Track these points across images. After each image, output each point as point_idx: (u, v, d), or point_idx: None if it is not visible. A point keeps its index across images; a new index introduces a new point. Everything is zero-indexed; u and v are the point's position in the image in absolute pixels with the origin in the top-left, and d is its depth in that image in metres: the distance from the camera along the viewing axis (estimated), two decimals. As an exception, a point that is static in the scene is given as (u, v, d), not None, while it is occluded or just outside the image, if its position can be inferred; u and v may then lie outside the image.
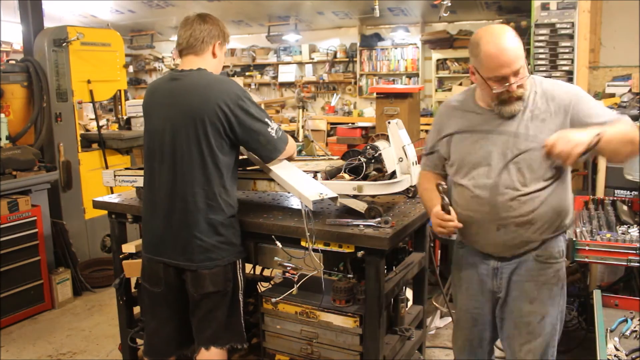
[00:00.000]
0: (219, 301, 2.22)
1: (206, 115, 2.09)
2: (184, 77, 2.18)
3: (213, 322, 2.24)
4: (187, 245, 2.17)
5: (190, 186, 2.14)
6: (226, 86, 2.14)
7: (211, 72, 2.22)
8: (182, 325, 2.33)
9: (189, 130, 2.12)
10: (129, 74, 9.84)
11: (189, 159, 2.13)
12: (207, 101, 2.10)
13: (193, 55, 2.22)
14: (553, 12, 4.27)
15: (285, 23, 8.49)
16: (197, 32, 2.20)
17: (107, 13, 8.64)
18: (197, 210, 2.14)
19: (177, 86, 2.18)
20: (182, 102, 2.14)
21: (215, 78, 2.19)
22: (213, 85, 2.14)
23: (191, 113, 2.11)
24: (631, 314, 2.04)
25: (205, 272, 2.17)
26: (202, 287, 2.19)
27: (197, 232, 2.15)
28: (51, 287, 3.99)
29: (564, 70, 4.30)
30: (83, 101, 4.54)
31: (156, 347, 2.38)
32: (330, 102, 8.91)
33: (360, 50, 8.52)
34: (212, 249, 2.17)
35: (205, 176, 2.13)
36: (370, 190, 2.24)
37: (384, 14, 7.31)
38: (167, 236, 2.21)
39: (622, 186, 3.34)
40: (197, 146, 2.12)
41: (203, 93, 2.12)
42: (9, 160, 3.77)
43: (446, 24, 7.77)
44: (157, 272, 2.27)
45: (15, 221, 3.74)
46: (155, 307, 2.35)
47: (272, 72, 9.46)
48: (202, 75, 2.18)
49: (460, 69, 7.61)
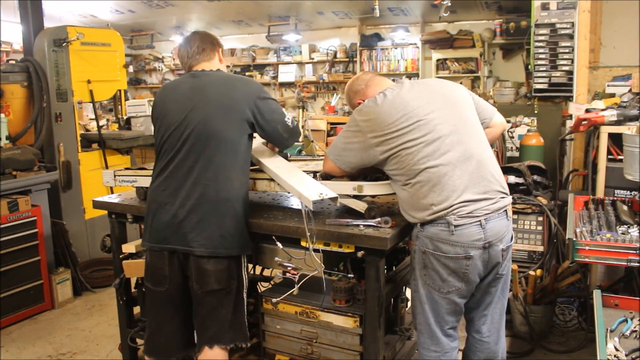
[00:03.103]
0: (223, 299, 2.23)
1: (232, 106, 2.22)
2: (204, 76, 2.31)
3: (217, 320, 2.24)
4: (203, 232, 2.18)
5: (215, 174, 2.20)
6: (247, 81, 2.37)
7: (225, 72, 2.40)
8: (185, 326, 2.33)
9: (214, 121, 2.20)
10: (129, 74, 9.85)
11: (215, 148, 2.20)
12: (232, 94, 2.24)
13: (205, 62, 2.37)
14: (553, 12, 4.27)
15: (285, 23, 8.49)
16: (204, 43, 2.38)
17: (107, 13, 8.64)
18: (218, 200, 2.19)
19: (199, 83, 2.29)
20: (208, 95, 2.24)
21: (235, 75, 2.42)
22: (235, 80, 2.32)
23: (216, 105, 2.22)
24: (631, 314, 2.04)
25: (210, 267, 2.18)
26: (206, 284, 2.20)
27: (214, 218, 2.18)
28: (51, 287, 3.99)
29: (564, 70, 4.30)
30: (83, 101, 4.54)
31: (159, 347, 2.37)
32: (330, 102, 8.90)
33: (360, 50, 8.52)
34: (227, 236, 2.20)
35: (228, 166, 2.21)
36: (370, 190, 2.24)
37: (384, 14, 7.32)
38: (182, 225, 2.20)
39: (622, 186, 3.34)
40: (221, 137, 2.20)
41: (229, 86, 2.27)
42: (9, 160, 3.77)
43: (446, 24, 7.77)
44: (162, 268, 2.27)
45: (15, 221, 3.74)
46: (158, 307, 2.35)
47: (272, 72, 9.46)
48: (222, 74, 2.36)
49: (460, 69, 7.61)
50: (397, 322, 2.67)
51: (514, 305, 3.35)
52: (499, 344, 2.25)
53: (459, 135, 2.05)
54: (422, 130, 2.03)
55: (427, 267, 2.06)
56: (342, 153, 2.20)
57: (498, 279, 2.14)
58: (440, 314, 2.10)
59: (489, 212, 2.00)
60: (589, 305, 3.32)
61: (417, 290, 2.13)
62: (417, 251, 2.09)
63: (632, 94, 3.64)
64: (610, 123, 3.39)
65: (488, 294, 2.17)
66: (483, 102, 2.31)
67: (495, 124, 2.31)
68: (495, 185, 2.07)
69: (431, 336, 2.13)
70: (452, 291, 2.06)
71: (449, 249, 1.99)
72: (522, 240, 3.62)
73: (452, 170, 2.00)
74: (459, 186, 1.99)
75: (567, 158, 4.36)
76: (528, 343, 3.30)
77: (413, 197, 2.05)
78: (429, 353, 2.15)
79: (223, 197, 2.20)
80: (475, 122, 2.18)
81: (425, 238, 2.03)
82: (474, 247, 1.99)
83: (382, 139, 2.07)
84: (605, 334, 1.87)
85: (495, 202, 2.03)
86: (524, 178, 3.67)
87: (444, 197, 1.98)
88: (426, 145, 2.02)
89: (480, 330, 2.24)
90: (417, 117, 2.04)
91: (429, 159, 2.01)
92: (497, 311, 2.22)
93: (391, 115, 2.06)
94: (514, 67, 7.08)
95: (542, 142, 4.04)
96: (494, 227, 2.01)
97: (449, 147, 2.02)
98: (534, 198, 3.61)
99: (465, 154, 2.03)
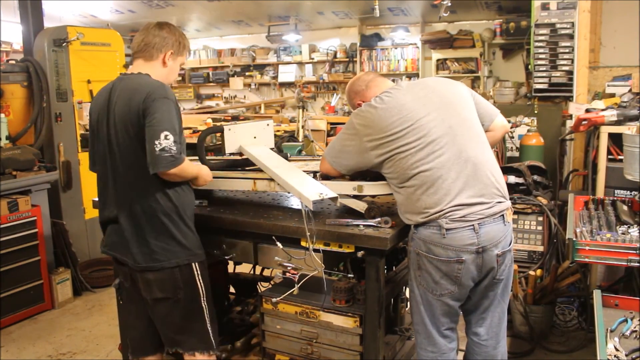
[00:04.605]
0: (172, 307, 2.19)
1: (133, 115, 2.05)
2: (126, 79, 2.16)
3: (170, 326, 2.23)
4: (133, 247, 2.15)
5: (131, 188, 2.13)
6: (148, 88, 2.06)
7: (148, 77, 2.14)
8: (152, 325, 2.31)
9: (122, 132, 2.09)
10: (129, 74, 9.83)
11: (126, 160, 2.12)
12: (131, 101, 2.06)
13: (142, 60, 2.19)
14: (553, 12, 4.27)
15: (285, 23, 8.49)
16: (151, 37, 2.17)
17: (107, 13, 8.64)
18: (141, 213, 2.12)
19: (117, 88, 2.14)
20: (118, 103, 2.10)
21: (145, 82, 2.11)
22: (139, 88, 2.07)
23: (121, 115, 2.08)
24: (631, 314, 2.04)
25: (150, 277, 2.15)
26: (150, 292, 2.18)
27: (143, 234, 2.14)
28: (51, 287, 3.99)
29: (564, 70, 4.29)
30: (83, 101, 4.53)
31: (137, 342, 2.38)
32: (330, 102, 8.91)
33: (360, 50, 8.52)
34: (158, 250, 2.13)
35: (146, 177, 2.07)
36: (370, 190, 2.24)
37: (384, 14, 7.32)
38: (118, 236, 2.19)
39: (622, 186, 3.33)
40: (130, 148, 2.09)
41: (130, 95, 2.07)
42: (9, 160, 3.77)
43: (446, 24, 7.77)
44: (118, 269, 2.30)
45: (15, 221, 3.74)
46: (128, 301, 2.36)
47: (272, 72, 9.46)
48: (138, 78, 2.13)
49: (460, 69, 7.61)
50: (397, 322, 2.67)
51: (514, 305, 3.35)
52: (498, 347, 2.23)
53: (455, 136, 2.04)
54: (416, 133, 2.02)
55: (421, 269, 2.07)
56: (338, 155, 2.20)
57: (496, 283, 2.12)
58: (435, 315, 2.10)
59: (483, 216, 1.98)
60: (589, 305, 3.32)
61: (413, 290, 2.14)
62: (412, 252, 2.09)
63: (632, 94, 3.64)
64: (610, 123, 3.39)
65: (486, 298, 2.15)
66: (485, 103, 2.26)
67: (495, 127, 2.24)
68: (492, 188, 2.04)
69: (428, 336, 2.13)
70: (445, 294, 2.05)
71: (440, 252, 1.99)
72: (522, 240, 3.62)
73: (447, 173, 1.99)
74: (452, 189, 1.98)
75: (567, 158, 4.36)
76: (528, 343, 3.30)
77: (408, 199, 2.05)
78: (426, 353, 2.15)
79: (146, 210, 2.12)
80: (474, 122, 2.14)
81: (419, 240, 2.03)
82: (466, 252, 1.97)
83: (376, 142, 2.06)
84: (605, 334, 1.87)
85: (491, 207, 2.01)
86: (524, 178, 3.67)
87: (437, 200, 1.97)
88: (420, 148, 2.01)
89: (478, 333, 2.23)
90: (411, 121, 2.03)
91: (423, 163, 2.00)
92: (496, 315, 2.20)
93: (386, 119, 2.05)
94: (514, 67, 7.08)
95: (542, 142, 4.04)
96: (489, 232, 1.99)
97: (444, 150, 2.01)
98: (534, 198, 3.61)
99: (461, 156, 2.01)
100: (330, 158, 2.22)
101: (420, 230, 2.03)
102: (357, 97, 2.33)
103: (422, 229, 2.02)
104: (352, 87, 2.36)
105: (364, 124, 2.11)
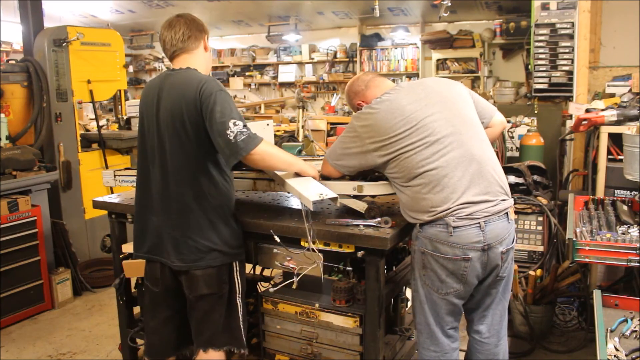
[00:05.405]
0: (215, 303, 2.21)
1: (185, 112, 2.06)
2: (174, 75, 2.17)
3: (210, 324, 2.23)
4: (180, 246, 2.16)
5: (180, 186, 2.14)
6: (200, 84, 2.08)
7: (195, 71, 2.16)
8: (181, 326, 2.33)
9: (172, 129, 2.10)
10: (129, 74, 9.84)
11: (176, 158, 2.13)
12: (182, 98, 2.07)
13: (185, 54, 2.21)
14: (553, 12, 4.27)
15: (285, 23, 8.50)
16: (182, 30, 2.19)
17: (107, 13, 8.64)
18: (189, 210, 2.14)
19: (166, 84, 2.15)
20: (168, 100, 2.12)
21: (196, 77, 2.12)
22: (189, 82, 2.09)
23: (171, 111, 2.10)
24: (631, 314, 2.04)
25: (198, 273, 2.16)
26: (196, 289, 2.18)
27: (189, 233, 2.14)
28: (51, 287, 4.00)
29: (564, 70, 4.30)
30: (83, 101, 4.54)
31: (156, 347, 2.37)
32: (330, 102, 8.91)
33: (360, 50, 8.52)
34: (205, 249, 2.15)
35: (193, 175, 2.12)
36: (370, 190, 2.24)
37: (384, 14, 7.32)
38: (162, 237, 2.20)
39: (622, 186, 3.34)
40: (181, 145, 2.11)
41: (181, 91, 2.09)
42: (9, 160, 3.77)
43: (446, 24, 7.77)
44: (155, 272, 2.27)
45: (15, 221, 3.74)
46: (155, 307, 2.35)
47: (272, 72, 9.46)
48: (186, 74, 2.15)
49: (460, 69, 7.61)
50: (397, 322, 2.66)
51: (514, 305, 3.35)
52: (500, 345, 2.25)
53: (459, 135, 2.05)
54: (420, 133, 2.03)
55: (426, 268, 2.07)
56: (340, 158, 2.20)
57: (499, 281, 2.14)
58: (440, 314, 2.10)
59: (489, 214, 2.00)
60: (589, 305, 3.32)
61: (417, 290, 2.14)
62: (417, 251, 2.09)
63: (632, 94, 3.64)
64: (610, 123, 3.39)
65: (488, 295, 2.17)
66: (482, 100, 2.30)
67: (494, 123, 2.30)
68: (496, 186, 2.06)
69: (431, 336, 2.13)
70: (451, 292, 2.05)
71: (447, 250, 1.99)
72: (522, 240, 3.63)
73: (452, 171, 1.99)
74: (459, 187, 1.98)
75: (567, 158, 4.36)
76: (528, 343, 3.30)
77: (413, 198, 2.05)
78: (428, 353, 2.15)
79: (193, 209, 2.13)
80: (475, 121, 2.16)
81: (425, 239, 2.03)
82: (472, 249, 1.98)
83: (380, 144, 2.07)
84: (605, 334, 1.87)
85: (495, 205, 2.02)
86: (524, 178, 3.67)
87: (444, 198, 1.98)
88: (425, 147, 2.01)
89: (480, 331, 2.23)
90: (415, 121, 2.04)
91: (429, 162, 2.00)
92: (498, 313, 2.22)
93: (389, 121, 2.05)
94: (514, 67, 7.07)
95: (542, 142, 4.04)
96: (494, 230, 2.01)
97: (449, 149, 2.02)
98: (534, 198, 3.61)
99: (466, 155, 2.02)
100: (332, 161, 2.22)
101: (425, 228, 2.03)
102: (356, 97, 2.33)
103: (428, 227, 2.02)
104: (352, 87, 2.36)
105: (365, 127, 2.11)
